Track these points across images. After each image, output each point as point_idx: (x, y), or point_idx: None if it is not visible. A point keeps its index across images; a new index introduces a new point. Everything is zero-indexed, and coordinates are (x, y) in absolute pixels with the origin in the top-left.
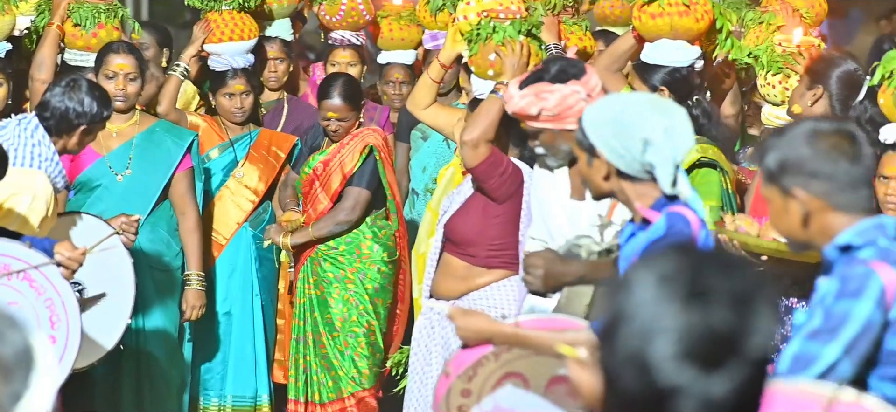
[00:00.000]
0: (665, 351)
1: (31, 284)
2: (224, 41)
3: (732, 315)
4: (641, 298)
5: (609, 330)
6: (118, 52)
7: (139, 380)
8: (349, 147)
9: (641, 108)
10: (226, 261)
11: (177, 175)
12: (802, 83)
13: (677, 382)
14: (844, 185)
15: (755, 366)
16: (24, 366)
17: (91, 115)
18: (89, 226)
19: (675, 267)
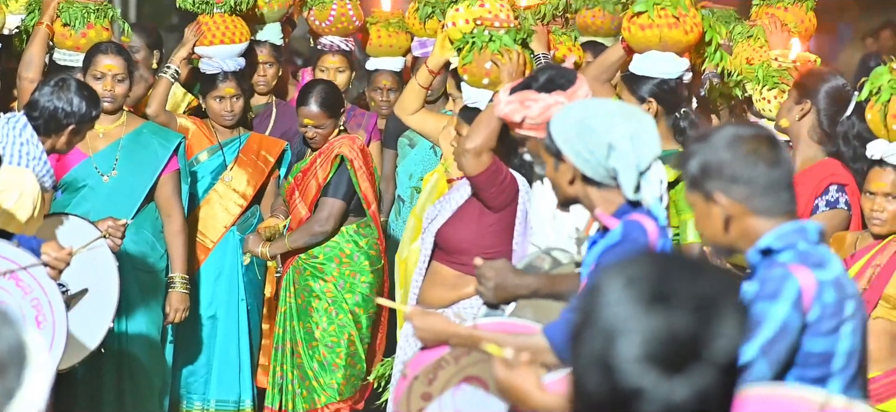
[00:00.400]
0: (628, 352)
1: (18, 284)
2: (215, 44)
3: (695, 319)
4: (607, 300)
5: (576, 332)
6: (106, 53)
7: (120, 381)
8: (323, 157)
9: (607, 114)
10: (212, 264)
11: (163, 177)
12: (791, 97)
13: (640, 384)
14: (763, 189)
15: (721, 371)
16: (17, 362)
17: (80, 115)
18: (76, 227)
19: (641, 270)
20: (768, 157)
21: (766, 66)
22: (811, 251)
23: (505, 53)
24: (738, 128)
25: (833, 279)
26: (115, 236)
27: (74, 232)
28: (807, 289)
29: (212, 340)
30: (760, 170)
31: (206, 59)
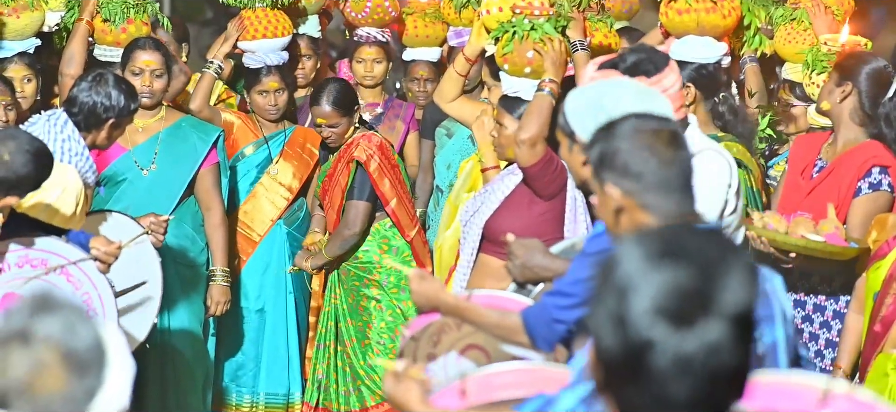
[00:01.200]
0: (639, 306)
1: (69, 279)
2: (258, 38)
3: (702, 274)
4: (621, 259)
5: (595, 294)
6: (144, 49)
7: (163, 375)
8: (342, 162)
9: (619, 94)
10: (259, 258)
11: (202, 171)
12: (832, 79)
13: (650, 337)
14: (654, 186)
15: (731, 322)
16: (97, 360)
17: (119, 109)
18: (118, 224)
19: (654, 232)
20: (664, 154)
21: (815, 51)
22: None
23: (547, 42)
24: (641, 120)
25: None
26: (157, 232)
27: (117, 228)
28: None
29: (260, 334)
30: (652, 166)
31: (249, 53)
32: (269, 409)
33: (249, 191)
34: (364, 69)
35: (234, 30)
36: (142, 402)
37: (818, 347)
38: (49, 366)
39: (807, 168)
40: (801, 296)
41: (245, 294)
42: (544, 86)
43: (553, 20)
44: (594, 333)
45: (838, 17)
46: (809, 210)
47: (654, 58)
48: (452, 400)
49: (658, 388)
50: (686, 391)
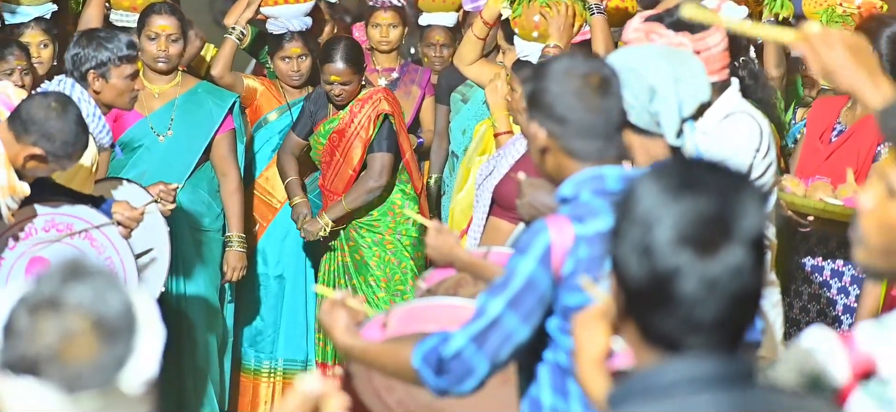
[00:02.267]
0: (662, 236)
1: (92, 243)
2: (281, 4)
3: (721, 200)
4: (641, 194)
5: (616, 228)
6: (160, 14)
7: (179, 341)
8: (363, 115)
9: (651, 57)
10: (279, 224)
11: (218, 137)
12: None
13: (676, 264)
14: (577, 131)
15: (749, 246)
16: (126, 328)
17: (99, 60)
18: (128, 192)
19: (667, 167)
20: (591, 100)
21: (830, 12)
22: (592, 202)
23: (553, 6)
24: (574, 61)
25: (594, 233)
26: (166, 200)
27: (127, 196)
28: (558, 244)
29: (279, 300)
30: (578, 110)
31: (272, 19)
32: (288, 375)
33: (271, 157)
34: (380, 34)
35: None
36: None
37: (835, 312)
38: (79, 334)
39: (825, 132)
40: (818, 261)
41: (264, 260)
42: (547, 51)
43: None
44: (619, 265)
45: None
46: (828, 174)
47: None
48: (374, 332)
49: (686, 312)
50: (712, 313)
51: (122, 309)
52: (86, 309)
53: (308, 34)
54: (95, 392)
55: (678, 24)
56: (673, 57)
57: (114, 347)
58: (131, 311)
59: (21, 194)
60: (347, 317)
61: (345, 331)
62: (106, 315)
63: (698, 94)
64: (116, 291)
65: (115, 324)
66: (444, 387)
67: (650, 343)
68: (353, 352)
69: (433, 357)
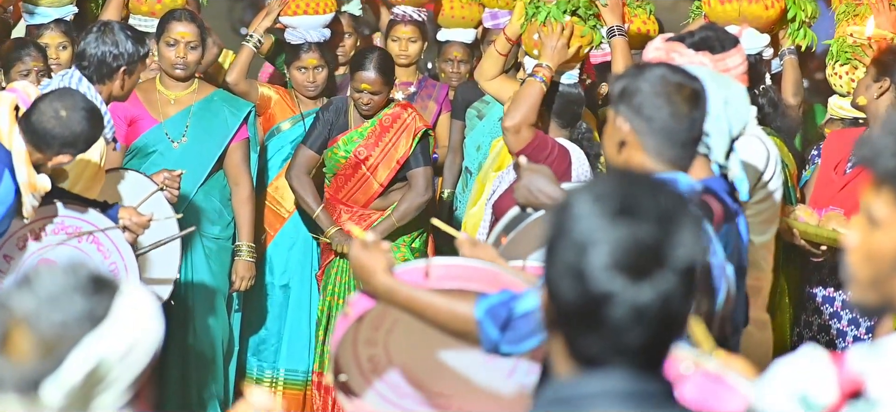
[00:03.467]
0: (597, 261)
1: (99, 248)
2: (299, 14)
3: (657, 228)
4: (578, 215)
5: (550, 245)
6: (180, 20)
7: (185, 348)
8: (395, 132)
9: (705, 80)
10: (287, 234)
11: (232, 145)
12: (869, 74)
13: (609, 290)
14: (659, 132)
15: (681, 275)
16: (61, 343)
17: (129, 55)
18: (132, 181)
19: (607, 187)
20: (679, 108)
21: (840, 41)
22: None
23: (548, 25)
24: (672, 71)
25: None
26: (171, 187)
27: (131, 186)
28: None
29: (283, 310)
30: (664, 114)
31: (290, 28)
32: (289, 386)
33: (282, 166)
34: (399, 47)
35: (277, 4)
36: (163, 374)
37: (845, 344)
38: (13, 337)
39: (840, 163)
40: (829, 291)
41: (271, 269)
42: (536, 71)
43: (563, 2)
44: (551, 283)
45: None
46: (841, 206)
47: (723, 37)
48: (416, 277)
49: (614, 336)
50: (639, 338)
51: (60, 325)
52: (25, 316)
53: (326, 46)
54: (15, 396)
55: (700, 43)
56: (721, 80)
57: (47, 358)
58: (70, 330)
59: (42, 190)
60: (387, 258)
61: (386, 272)
62: (41, 327)
63: (743, 117)
64: (62, 308)
65: (49, 337)
66: (502, 344)
67: (574, 358)
68: (398, 294)
69: (502, 312)
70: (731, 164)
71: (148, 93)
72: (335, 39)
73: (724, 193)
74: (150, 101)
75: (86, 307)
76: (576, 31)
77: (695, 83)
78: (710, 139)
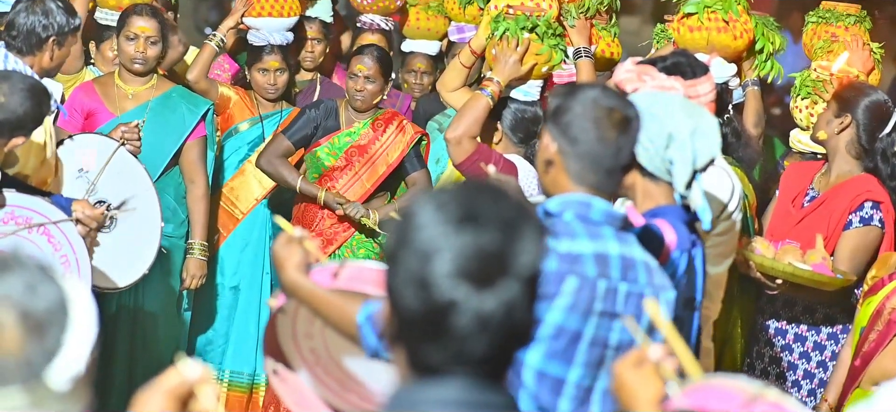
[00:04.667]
0: (441, 269)
1: (49, 239)
2: (264, 16)
3: (500, 236)
4: (420, 224)
5: (392, 254)
6: (140, 15)
7: (133, 346)
8: (389, 136)
9: (671, 106)
10: (239, 235)
11: (188, 142)
12: (830, 109)
13: (453, 297)
14: (582, 155)
15: (524, 283)
16: (58, 322)
17: (59, 26)
18: (90, 142)
19: (450, 196)
20: (606, 133)
21: (804, 75)
22: (571, 223)
23: (503, 42)
24: (605, 95)
25: (565, 252)
26: (132, 139)
27: (90, 146)
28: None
29: (232, 311)
30: (590, 137)
31: (254, 30)
32: (232, 388)
33: (238, 167)
34: None
35: (241, 5)
36: (109, 371)
37: (795, 377)
38: (5, 327)
39: (798, 196)
40: (782, 324)
41: (221, 270)
42: (485, 85)
43: (522, 19)
44: (393, 293)
45: (877, 56)
46: (798, 239)
47: (694, 64)
48: (324, 277)
49: (457, 345)
50: (483, 347)
51: (52, 303)
52: (13, 301)
53: (288, 49)
54: (20, 387)
55: (672, 67)
56: (692, 109)
57: (41, 342)
58: (63, 306)
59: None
60: (303, 255)
61: (297, 267)
62: (34, 308)
63: (712, 149)
64: (48, 285)
65: (43, 317)
66: (381, 350)
67: (415, 368)
68: (301, 290)
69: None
70: (693, 194)
71: (106, 86)
72: (298, 44)
73: (679, 222)
74: (108, 94)
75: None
76: (532, 48)
77: (627, 109)
78: (673, 167)
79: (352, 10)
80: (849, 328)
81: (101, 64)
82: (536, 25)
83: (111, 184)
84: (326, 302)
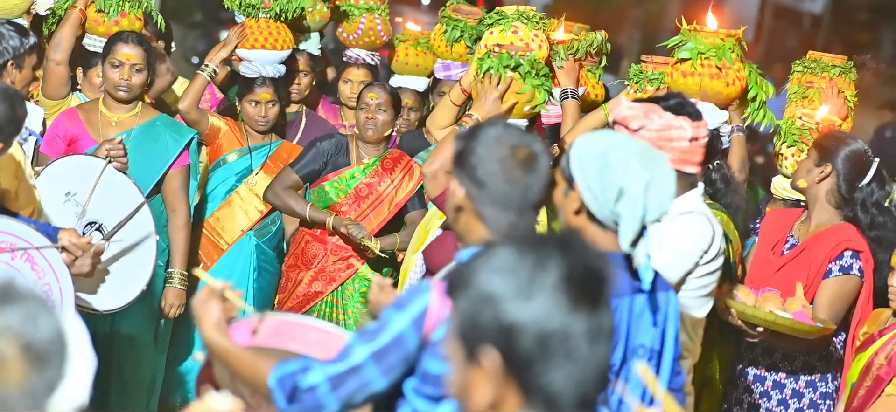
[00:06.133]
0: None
1: (33, 266)
2: (257, 48)
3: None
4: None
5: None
6: (126, 42)
7: (108, 374)
8: (397, 179)
9: (628, 156)
10: (224, 266)
11: (171, 171)
12: (810, 158)
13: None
14: (494, 199)
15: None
16: (57, 352)
17: (13, 49)
18: (77, 164)
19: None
20: (515, 173)
21: (789, 123)
22: None
23: (487, 78)
24: (507, 130)
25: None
26: (118, 157)
27: (76, 168)
28: (436, 309)
29: None
30: (499, 179)
31: (246, 62)
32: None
33: (225, 198)
34: (350, 90)
35: (235, 36)
36: None
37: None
38: (8, 358)
39: (778, 244)
40: (761, 371)
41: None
42: (463, 121)
43: (505, 57)
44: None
45: (851, 103)
46: (778, 286)
47: (693, 107)
48: (243, 335)
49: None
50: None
51: (53, 333)
52: (15, 332)
53: (280, 82)
54: None
55: (677, 108)
56: (651, 159)
57: (43, 372)
58: (62, 337)
59: None
60: (220, 311)
61: (214, 326)
62: (36, 339)
63: (663, 205)
64: (48, 316)
65: (45, 348)
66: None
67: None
68: (217, 350)
69: (289, 383)
70: (637, 252)
71: (90, 113)
72: (290, 77)
73: (616, 267)
74: (92, 121)
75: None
76: (513, 86)
77: (533, 144)
78: (621, 222)
79: (338, 43)
80: (827, 376)
81: (89, 90)
82: (519, 64)
83: (102, 203)
84: (240, 361)
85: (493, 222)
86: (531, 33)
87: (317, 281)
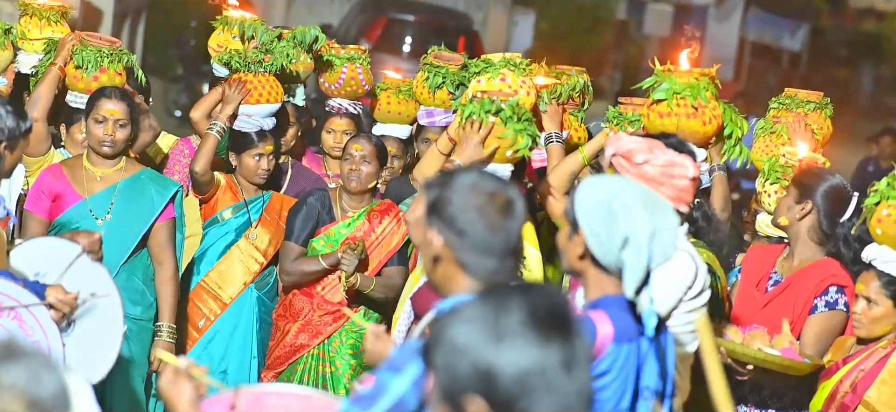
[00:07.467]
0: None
1: (21, 324)
2: (262, 102)
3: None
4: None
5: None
6: (109, 98)
7: None
8: (386, 229)
9: (634, 203)
10: (228, 320)
11: (157, 224)
12: (790, 195)
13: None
14: (474, 247)
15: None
16: (61, 407)
17: (9, 131)
18: (54, 247)
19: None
20: (493, 219)
21: (772, 161)
22: None
23: (466, 125)
24: (481, 177)
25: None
26: (94, 250)
27: (53, 251)
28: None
29: None
30: (478, 227)
31: (244, 117)
32: None
33: (225, 252)
34: (333, 139)
35: (237, 93)
36: None
37: None
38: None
39: (762, 281)
40: (750, 408)
41: (210, 355)
42: (445, 166)
43: (487, 103)
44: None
45: (819, 137)
46: (763, 323)
47: (690, 148)
48: (221, 409)
49: None
50: None
51: (57, 390)
52: (20, 389)
53: (273, 133)
54: None
55: (679, 146)
56: (655, 206)
57: None
58: (66, 392)
59: None
60: (193, 389)
61: (188, 404)
62: (41, 396)
63: (667, 253)
64: (51, 372)
65: (49, 405)
66: None
67: None
68: None
69: None
70: (641, 299)
71: (74, 169)
72: (279, 129)
73: (621, 312)
74: (76, 177)
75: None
76: (495, 131)
77: (508, 190)
78: (625, 269)
79: (320, 93)
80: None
81: (71, 146)
82: (501, 109)
83: (72, 284)
84: None
85: (474, 270)
86: (519, 80)
87: (302, 333)
